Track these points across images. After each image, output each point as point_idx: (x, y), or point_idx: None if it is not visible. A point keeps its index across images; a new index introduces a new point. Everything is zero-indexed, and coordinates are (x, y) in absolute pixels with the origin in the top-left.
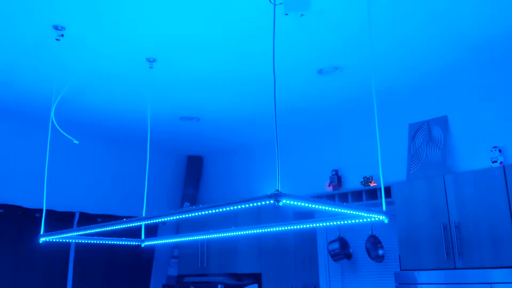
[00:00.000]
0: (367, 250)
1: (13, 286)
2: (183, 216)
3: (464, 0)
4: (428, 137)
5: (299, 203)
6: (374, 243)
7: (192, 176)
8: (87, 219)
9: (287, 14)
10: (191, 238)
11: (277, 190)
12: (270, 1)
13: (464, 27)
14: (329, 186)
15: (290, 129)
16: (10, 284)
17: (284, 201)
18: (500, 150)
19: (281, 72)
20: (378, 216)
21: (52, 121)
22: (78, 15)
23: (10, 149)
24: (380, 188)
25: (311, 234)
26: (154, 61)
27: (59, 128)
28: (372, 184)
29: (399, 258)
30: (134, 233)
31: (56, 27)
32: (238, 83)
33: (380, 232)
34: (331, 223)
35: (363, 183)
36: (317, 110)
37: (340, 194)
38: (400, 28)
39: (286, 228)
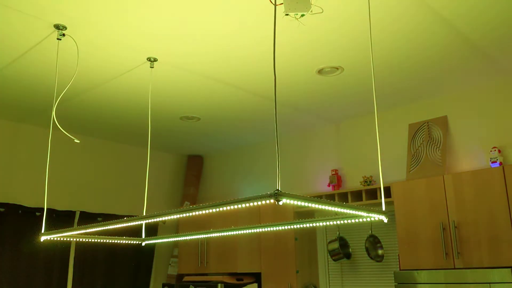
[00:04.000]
0: (367, 249)
1: (13, 285)
2: (183, 215)
3: (465, 1)
4: (428, 137)
5: (298, 203)
6: (373, 242)
7: (193, 175)
8: (88, 218)
9: (287, 15)
10: (191, 237)
11: (277, 190)
12: (271, 1)
13: (464, 27)
14: (329, 185)
15: (290, 129)
16: (11, 283)
17: (284, 200)
18: (499, 151)
19: (281, 71)
20: (377, 216)
21: (53, 120)
22: (79, 15)
23: (11, 148)
24: (380, 188)
25: (311, 234)
26: (155, 60)
27: (60, 127)
28: (372, 184)
29: (399, 258)
30: (134, 232)
31: (57, 27)
32: (239, 83)
33: (379, 231)
34: (330, 223)
35: (363, 182)
36: (317, 110)
37: (340, 194)
38: (401, 27)
39: (285, 227)
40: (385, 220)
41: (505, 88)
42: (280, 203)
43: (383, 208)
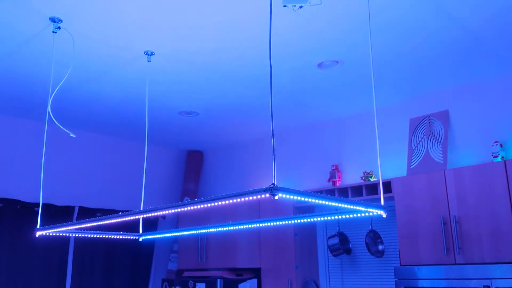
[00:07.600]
0: (367, 245)
1: (12, 280)
2: (178, 210)
3: None
4: (429, 132)
5: (294, 197)
6: (374, 238)
7: (192, 171)
8: (87, 214)
9: (285, 6)
10: (189, 232)
11: (273, 184)
12: None
13: (466, 20)
14: (329, 181)
15: (290, 123)
16: (9, 278)
17: (279, 194)
18: (501, 145)
19: (281, 65)
20: (375, 210)
21: (49, 114)
22: (75, 8)
23: (8, 143)
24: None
25: (311, 229)
26: (152, 54)
27: (56, 121)
28: (372, 179)
29: (399, 253)
30: (134, 227)
31: (53, 20)
32: (238, 77)
33: (380, 227)
34: (329, 218)
35: (363, 178)
36: (317, 104)
37: (340, 189)
38: (401, 21)
39: (285, 222)
40: (384, 215)
41: (507, 82)
42: (276, 197)
43: (382, 203)
